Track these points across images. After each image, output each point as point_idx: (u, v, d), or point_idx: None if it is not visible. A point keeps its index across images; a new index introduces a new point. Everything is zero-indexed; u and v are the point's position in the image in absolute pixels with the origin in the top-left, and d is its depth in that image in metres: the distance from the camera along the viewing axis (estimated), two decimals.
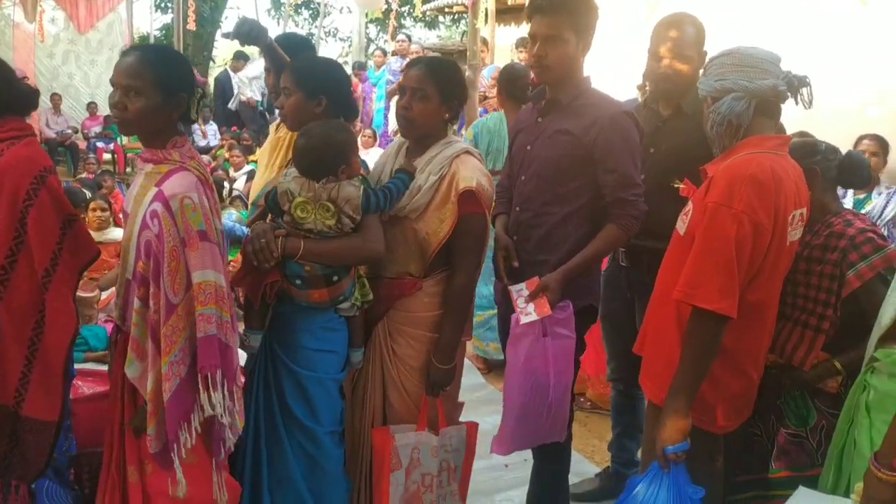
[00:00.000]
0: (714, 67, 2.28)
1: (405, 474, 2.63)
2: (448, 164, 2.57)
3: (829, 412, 2.39)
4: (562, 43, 2.62)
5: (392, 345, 2.66)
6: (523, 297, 2.62)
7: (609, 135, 2.63)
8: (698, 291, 2.11)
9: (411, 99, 2.56)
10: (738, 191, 2.10)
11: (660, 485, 2.21)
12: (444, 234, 2.54)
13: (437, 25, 21.97)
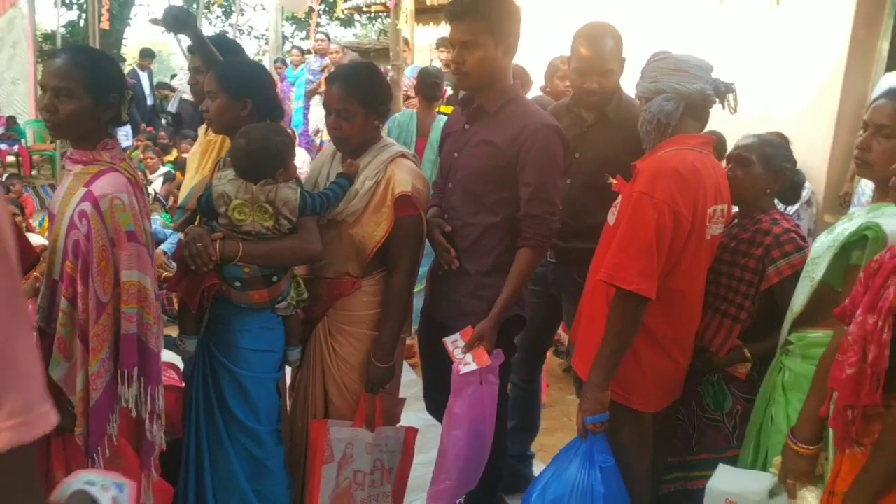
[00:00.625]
0: (649, 70, 2.42)
1: (337, 468, 2.67)
2: (383, 168, 2.60)
3: (743, 397, 2.54)
4: (479, 48, 2.57)
5: (332, 343, 2.69)
6: (459, 347, 2.62)
7: (530, 148, 2.59)
8: (620, 273, 2.25)
9: (338, 119, 2.58)
10: (660, 182, 2.24)
11: (575, 452, 2.39)
12: (380, 236, 2.59)
13: (353, 24, 21.86)
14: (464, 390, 2.60)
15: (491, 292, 2.67)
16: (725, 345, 2.48)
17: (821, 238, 2.29)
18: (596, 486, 2.34)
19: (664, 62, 2.39)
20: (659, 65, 2.39)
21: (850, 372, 1.79)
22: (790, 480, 2.07)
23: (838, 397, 1.84)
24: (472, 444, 2.65)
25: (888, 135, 2.06)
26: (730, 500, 2.21)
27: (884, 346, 1.72)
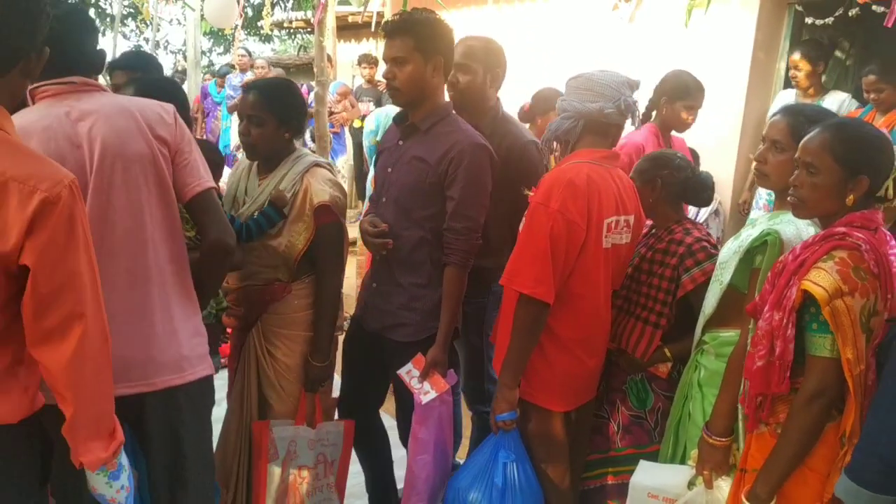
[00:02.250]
0: (566, 88, 2.58)
1: (282, 466, 2.76)
2: (300, 179, 2.70)
3: (664, 395, 2.68)
4: (408, 64, 2.64)
5: (268, 346, 2.77)
6: (415, 377, 2.70)
7: (458, 164, 2.64)
8: (517, 277, 2.41)
9: (249, 125, 2.68)
10: (555, 192, 2.39)
11: (490, 451, 2.55)
12: (302, 245, 2.69)
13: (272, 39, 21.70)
14: (428, 416, 2.71)
15: (424, 304, 2.76)
16: (649, 350, 2.62)
17: (728, 244, 2.47)
18: (496, 479, 2.49)
19: (576, 80, 2.54)
20: (572, 83, 2.56)
21: (760, 364, 1.96)
22: (706, 472, 2.21)
23: (750, 386, 2.02)
24: (439, 464, 2.78)
25: (782, 149, 2.23)
26: (651, 493, 2.34)
27: (788, 341, 1.90)
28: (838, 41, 5.11)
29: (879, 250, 1.88)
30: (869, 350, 1.87)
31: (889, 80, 4.24)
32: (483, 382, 3.31)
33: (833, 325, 1.83)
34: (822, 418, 1.89)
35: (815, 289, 1.84)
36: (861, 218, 1.93)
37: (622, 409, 2.71)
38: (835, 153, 1.94)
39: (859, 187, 1.92)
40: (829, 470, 1.91)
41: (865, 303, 1.83)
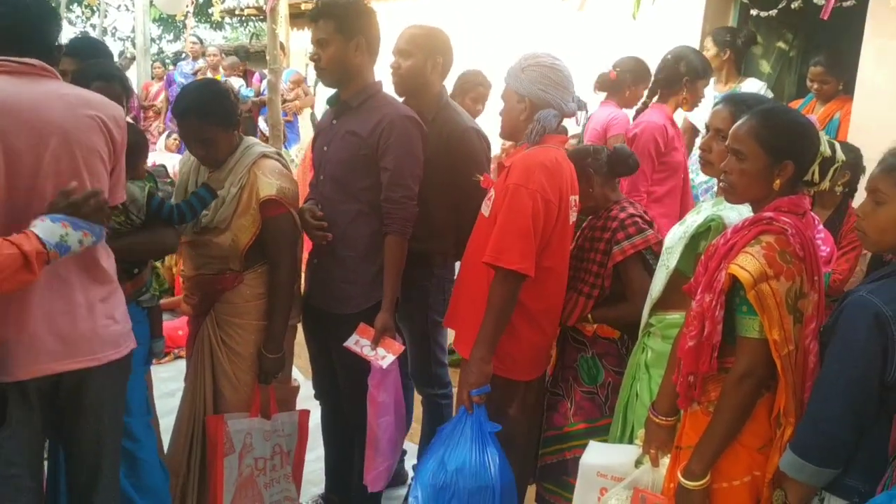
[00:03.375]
0: (534, 73, 2.59)
1: (238, 458, 2.76)
2: (247, 173, 2.71)
3: (614, 370, 2.77)
4: (331, 45, 2.77)
5: (221, 336, 2.77)
6: (365, 345, 2.74)
7: (389, 135, 2.76)
8: (504, 255, 2.48)
9: (199, 147, 2.72)
10: (533, 174, 2.50)
11: (465, 424, 2.56)
12: (248, 238, 2.71)
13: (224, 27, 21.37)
14: (386, 379, 2.77)
15: (363, 277, 2.84)
16: (573, 316, 2.74)
17: (674, 229, 2.54)
18: (491, 450, 2.54)
19: (552, 71, 2.59)
20: (547, 72, 2.59)
21: (691, 344, 2.03)
22: (652, 450, 2.28)
23: (682, 365, 2.09)
24: (399, 425, 2.87)
25: (725, 137, 2.28)
26: (600, 472, 2.41)
27: (717, 322, 1.97)
28: (782, 33, 5.24)
29: (805, 234, 1.95)
30: (809, 332, 1.94)
31: (834, 73, 4.37)
32: (430, 366, 3.36)
33: (759, 308, 1.89)
34: (752, 397, 1.96)
35: (741, 273, 1.90)
36: (789, 203, 1.99)
37: (575, 385, 2.80)
38: (760, 139, 2.00)
39: (785, 172, 1.99)
40: (758, 444, 1.99)
41: (791, 285, 1.90)
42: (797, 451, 1.86)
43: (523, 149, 2.64)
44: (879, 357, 1.78)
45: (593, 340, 2.78)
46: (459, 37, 3.27)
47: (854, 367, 1.81)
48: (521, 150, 2.65)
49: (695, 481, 1.98)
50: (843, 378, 1.82)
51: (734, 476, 1.99)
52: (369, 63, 2.89)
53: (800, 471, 1.86)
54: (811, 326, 1.95)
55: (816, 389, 1.90)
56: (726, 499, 2.00)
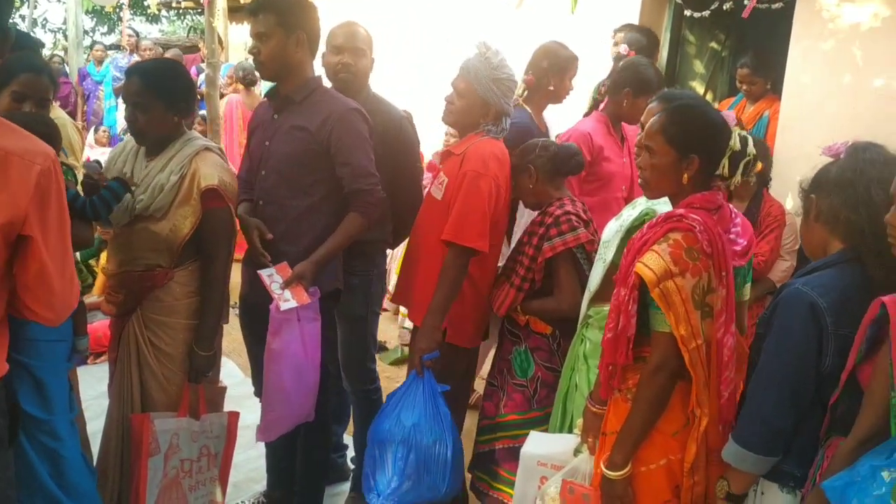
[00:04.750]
0: (505, 88, 2.84)
1: (164, 459, 2.68)
2: (188, 162, 2.66)
3: (544, 365, 2.84)
4: (270, 39, 2.75)
5: (148, 335, 2.70)
6: (277, 283, 2.71)
7: (340, 130, 2.77)
8: (462, 233, 2.71)
9: (135, 111, 2.64)
10: (489, 163, 2.77)
11: (417, 386, 2.74)
12: (187, 230, 2.65)
13: (160, 19, 20.91)
14: (282, 327, 2.72)
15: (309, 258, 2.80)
16: (502, 307, 2.83)
17: (610, 224, 2.60)
18: (442, 409, 2.72)
19: (515, 86, 2.91)
20: (513, 87, 2.89)
21: (609, 336, 2.09)
22: (590, 439, 2.32)
23: (602, 356, 2.15)
24: (293, 378, 2.77)
25: None
26: (541, 462, 2.47)
27: (630, 316, 2.02)
28: (714, 33, 5.38)
29: (713, 230, 1.99)
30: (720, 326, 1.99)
31: (760, 74, 4.51)
32: (365, 360, 3.38)
33: (664, 305, 1.94)
34: (666, 388, 2.01)
35: (645, 271, 1.96)
36: (701, 199, 2.04)
37: (508, 377, 2.87)
38: (667, 135, 2.06)
39: (692, 167, 2.04)
40: (672, 430, 2.04)
41: (698, 281, 1.95)
42: (740, 441, 1.92)
43: (471, 139, 2.85)
44: (815, 347, 1.84)
45: (527, 334, 2.84)
46: (396, 32, 3.29)
47: (791, 358, 1.87)
48: (470, 139, 2.85)
49: (617, 471, 2.04)
50: (781, 369, 1.88)
51: (651, 460, 2.05)
52: (310, 57, 2.89)
53: (743, 460, 1.92)
54: (721, 320, 1.99)
55: (756, 381, 1.96)
56: (645, 482, 2.06)
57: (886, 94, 3.79)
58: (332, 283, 2.94)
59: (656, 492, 2.05)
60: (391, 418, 2.74)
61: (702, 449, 2.02)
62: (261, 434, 2.87)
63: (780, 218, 3.67)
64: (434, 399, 2.72)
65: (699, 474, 2.03)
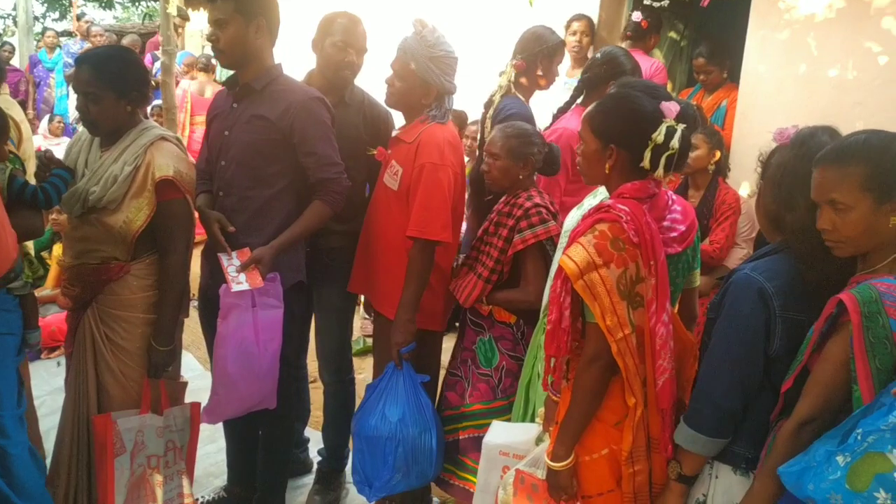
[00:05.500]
0: (444, 65, 2.81)
1: (130, 458, 2.64)
2: (143, 152, 2.60)
3: (509, 354, 2.84)
4: (229, 26, 2.70)
5: (105, 330, 2.64)
6: (234, 266, 2.67)
7: (303, 119, 2.74)
8: (428, 228, 2.71)
9: (86, 102, 2.57)
10: (444, 152, 2.76)
11: (397, 379, 2.77)
12: (142, 221, 2.60)
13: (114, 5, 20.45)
14: (230, 311, 2.67)
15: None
16: (470, 298, 2.81)
17: (572, 213, 2.60)
18: (423, 399, 2.75)
19: (454, 62, 2.85)
20: (452, 64, 2.84)
21: (549, 328, 2.09)
22: (552, 428, 2.32)
23: (545, 348, 2.15)
24: (240, 364, 2.71)
25: None
26: (502, 451, 2.49)
27: (564, 308, 2.02)
28: (674, 23, 5.42)
29: (642, 220, 1.98)
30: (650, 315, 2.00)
31: (716, 63, 4.56)
32: (346, 349, 3.36)
33: (588, 297, 1.94)
34: (602, 379, 2.01)
35: (567, 264, 1.95)
36: (632, 189, 2.04)
37: (472, 367, 2.86)
38: (592, 125, 2.09)
39: (612, 157, 2.05)
40: (614, 420, 2.05)
41: (624, 272, 1.94)
42: (690, 423, 1.94)
43: (418, 124, 2.83)
44: (763, 331, 1.86)
45: (491, 324, 2.83)
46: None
47: (740, 342, 1.88)
48: (417, 126, 2.83)
49: (560, 462, 2.05)
50: (731, 352, 1.90)
51: (593, 449, 2.07)
52: (269, 45, 2.85)
53: (693, 442, 1.94)
54: (652, 309, 2.00)
55: (706, 364, 1.97)
56: (588, 471, 2.08)
57: (840, 83, 3.86)
58: (294, 276, 2.91)
59: (599, 481, 2.07)
60: (376, 414, 2.75)
61: (640, 437, 2.03)
62: (206, 415, 2.82)
63: (735, 206, 3.72)
64: (415, 390, 2.75)
65: (640, 463, 2.04)
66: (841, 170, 1.69)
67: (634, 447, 2.03)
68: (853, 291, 1.65)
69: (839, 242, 1.73)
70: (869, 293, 1.62)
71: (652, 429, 2.04)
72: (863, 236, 1.70)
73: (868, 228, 1.68)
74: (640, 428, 2.03)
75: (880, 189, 1.66)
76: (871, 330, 1.59)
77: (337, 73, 3.09)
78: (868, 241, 1.71)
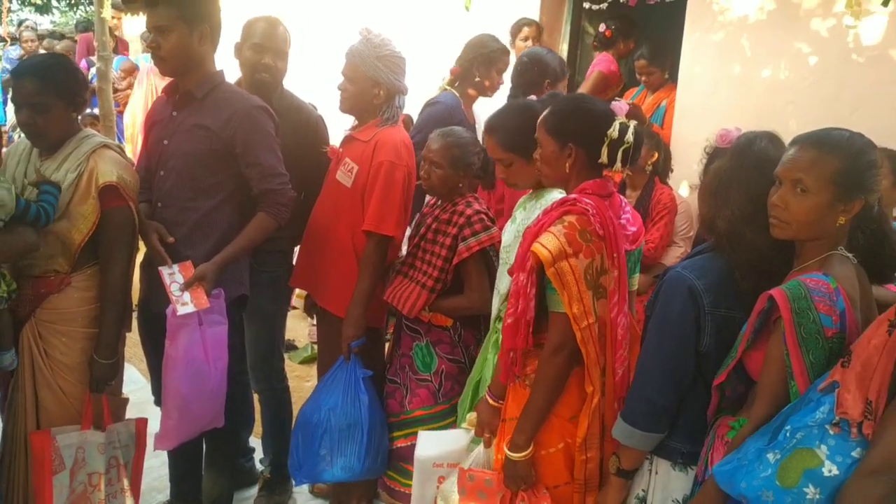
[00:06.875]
0: (391, 63, 2.87)
1: (70, 476, 2.57)
2: (85, 159, 2.54)
3: (447, 358, 2.86)
4: (172, 33, 2.63)
5: (44, 346, 2.57)
6: (177, 283, 2.61)
7: (246, 129, 2.69)
8: (383, 224, 2.81)
9: (32, 113, 2.50)
10: (400, 152, 2.86)
11: (342, 372, 2.85)
12: (87, 229, 2.53)
13: (51, 10, 19.93)
14: (179, 332, 2.62)
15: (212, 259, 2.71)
16: (415, 308, 2.80)
17: (508, 227, 2.62)
18: (361, 394, 2.82)
19: (402, 62, 2.92)
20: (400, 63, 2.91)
21: (509, 321, 2.14)
22: (487, 434, 2.35)
23: (503, 341, 2.20)
24: (193, 384, 2.67)
25: None
26: (436, 463, 2.50)
27: (529, 299, 2.08)
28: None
29: (606, 214, 2.07)
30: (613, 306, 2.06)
31: (657, 64, 4.64)
32: (274, 359, 3.33)
33: (558, 284, 2.01)
34: (565, 369, 2.09)
35: (541, 251, 2.02)
36: (594, 185, 2.14)
37: (410, 374, 2.86)
38: (547, 126, 2.17)
39: (571, 155, 2.13)
40: (569, 414, 2.12)
41: (591, 262, 2.02)
42: (626, 419, 1.99)
43: (373, 127, 2.88)
44: (693, 328, 1.91)
45: (427, 329, 2.84)
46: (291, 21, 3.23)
47: (671, 338, 1.94)
48: (373, 126, 2.89)
49: (519, 452, 2.10)
50: (663, 348, 1.95)
51: (550, 444, 2.13)
52: (212, 52, 2.79)
53: (629, 437, 1.98)
54: (614, 300, 2.07)
55: (641, 360, 2.03)
56: (544, 465, 2.13)
57: (773, 83, 3.95)
58: (237, 289, 2.87)
59: (555, 473, 2.13)
60: (313, 401, 2.86)
61: (595, 425, 2.09)
62: (159, 442, 2.76)
63: (670, 205, 3.79)
64: (355, 384, 2.80)
65: (593, 451, 2.11)
66: (818, 155, 1.72)
67: (589, 434, 2.09)
68: (783, 287, 1.69)
69: (784, 222, 1.76)
70: (798, 289, 1.66)
71: (608, 417, 2.10)
72: (808, 224, 1.73)
73: (817, 219, 1.72)
74: (595, 416, 2.09)
75: (844, 187, 1.70)
76: (803, 325, 1.63)
77: (254, 76, 3.07)
78: (810, 231, 1.74)
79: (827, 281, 1.67)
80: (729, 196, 1.91)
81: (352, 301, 2.83)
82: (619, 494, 2.08)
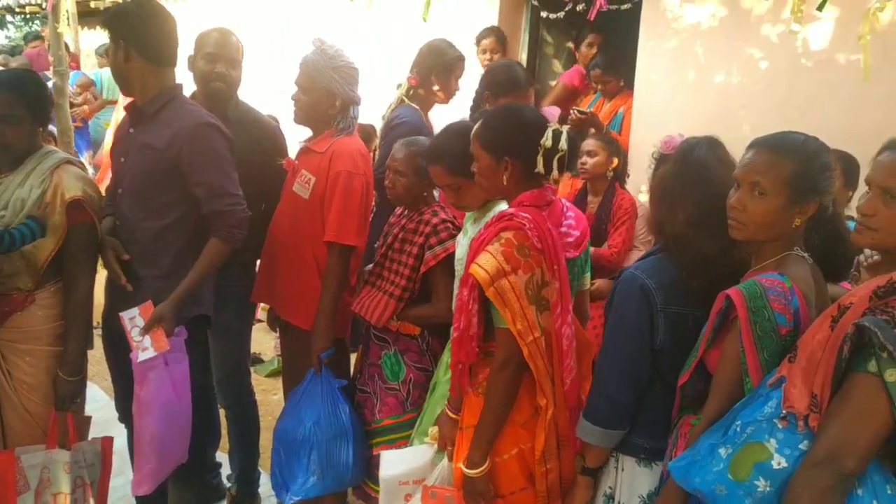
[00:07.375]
0: (346, 74, 2.85)
1: (35, 496, 2.54)
2: (49, 175, 2.54)
3: (415, 367, 2.85)
4: (110, 52, 2.68)
5: (7, 367, 2.54)
6: (138, 327, 2.55)
7: (191, 147, 2.58)
8: (343, 233, 2.79)
9: (3, 125, 2.49)
10: (357, 161, 2.84)
11: (316, 385, 2.82)
12: (52, 246, 2.52)
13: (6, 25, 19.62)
14: (147, 376, 2.57)
15: (166, 296, 2.63)
16: (383, 317, 2.78)
17: (460, 240, 2.62)
18: (340, 403, 2.81)
19: (356, 72, 2.91)
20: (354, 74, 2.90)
21: (455, 335, 2.16)
22: (450, 447, 2.35)
23: (451, 354, 2.22)
24: (167, 424, 2.63)
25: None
26: (402, 481, 2.48)
27: (472, 315, 2.10)
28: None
29: (543, 226, 2.08)
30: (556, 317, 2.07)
31: (612, 73, 4.71)
32: (241, 374, 3.30)
33: (499, 304, 2.02)
34: (514, 382, 2.10)
35: (478, 272, 2.03)
36: (531, 196, 2.14)
37: (379, 382, 2.86)
38: (481, 141, 2.18)
39: (508, 168, 2.14)
40: (521, 420, 2.14)
41: (531, 276, 2.03)
42: (588, 417, 2.04)
43: (328, 136, 2.88)
44: (647, 325, 1.96)
45: (395, 337, 2.84)
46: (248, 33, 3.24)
47: (627, 337, 1.99)
48: (328, 137, 2.88)
49: (475, 469, 2.11)
50: (620, 347, 2.00)
51: (503, 451, 2.14)
52: (151, 67, 2.65)
53: (591, 434, 2.03)
54: (557, 311, 2.09)
55: (600, 360, 2.07)
56: (500, 472, 2.15)
57: (726, 88, 4.05)
58: (196, 309, 2.79)
59: (511, 480, 2.15)
60: (293, 417, 2.81)
61: (551, 436, 2.11)
62: (136, 487, 2.66)
63: (631, 210, 3.84)
64: (332, 395, 2.79)
65: (552, 462, 2.12)
66: (774, 158, 1.76)
67: (546, 447, 2.10)
68: (740, 287, 1.74)
69: (741, 224, 1.80)
70: (754, 289, 1.71)
71: (561, 427, 2.13)
72: (765, 226, 1.77)
73: (774, 220, 1.76)
74: (551, 428, 2.10)
75: (799, 189, 1.75)
76: (759, 324, 1.67)
77: (208, 86, 3.05)
78: (767, 233, 1.79)
79: (782, 280, 1.72)
80: (674, 201, 1.97)
81: (318, 312, 2.81)
82: (586, 493, 2.12)
